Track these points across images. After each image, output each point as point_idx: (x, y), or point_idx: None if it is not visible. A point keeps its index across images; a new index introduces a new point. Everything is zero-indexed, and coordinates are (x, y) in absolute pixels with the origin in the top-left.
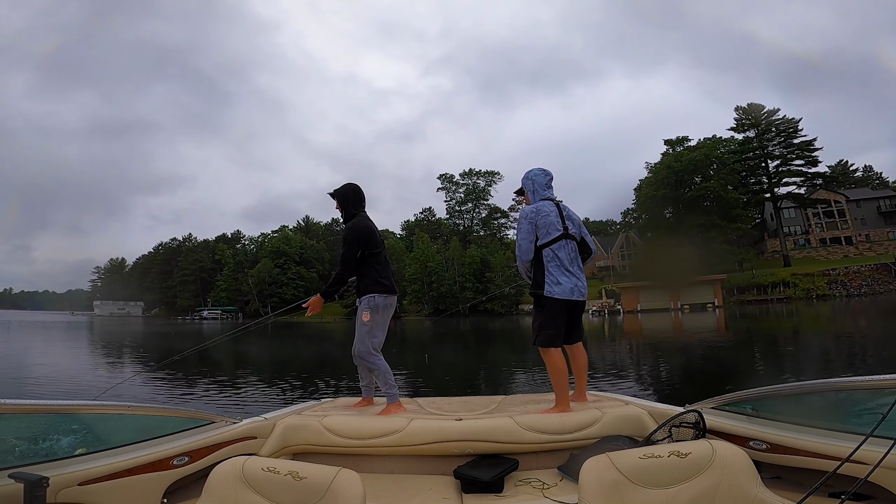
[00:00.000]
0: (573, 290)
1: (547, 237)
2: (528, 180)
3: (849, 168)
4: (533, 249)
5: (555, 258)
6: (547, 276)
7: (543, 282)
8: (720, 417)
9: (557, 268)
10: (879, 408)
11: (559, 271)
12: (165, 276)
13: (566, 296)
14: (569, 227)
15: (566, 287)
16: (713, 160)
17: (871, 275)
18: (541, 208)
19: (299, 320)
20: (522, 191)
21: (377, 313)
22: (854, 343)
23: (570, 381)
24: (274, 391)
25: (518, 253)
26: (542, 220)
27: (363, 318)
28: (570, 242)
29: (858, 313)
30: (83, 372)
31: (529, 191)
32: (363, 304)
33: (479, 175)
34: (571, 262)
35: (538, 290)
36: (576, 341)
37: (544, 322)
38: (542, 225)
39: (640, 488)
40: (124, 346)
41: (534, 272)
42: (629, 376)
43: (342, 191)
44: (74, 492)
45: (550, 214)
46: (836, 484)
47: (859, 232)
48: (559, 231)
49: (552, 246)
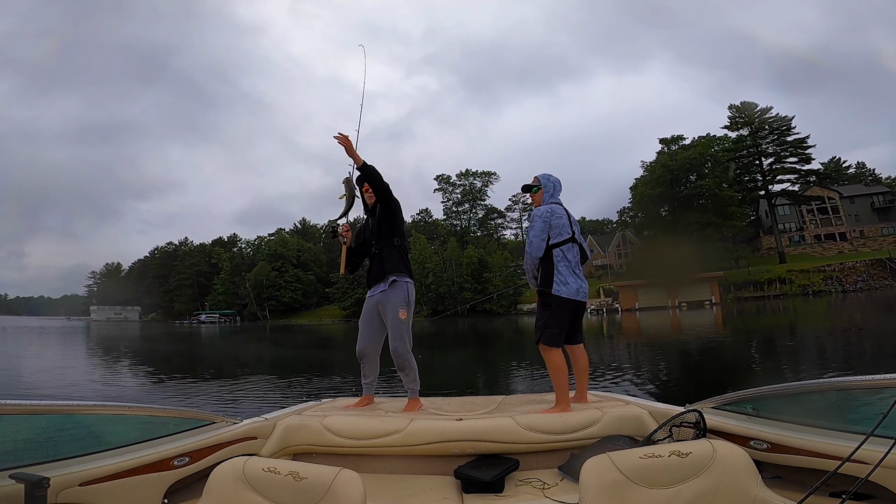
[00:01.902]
0: (578, 291)
1: (559, 237)
2: (548, 182)
3: (842, 165)
4: (544, 248)
5: (564, 258)
6: (556, 276)
7: (552, 280)
8: (721, 417)
9: (566, 268)
10: (880, 407)
11: (568, 271)
12: (162, 281)
13: (572, 296)
14: (575, 232)
15: (573, 287)
16: (708, 158)
17: (867, 270)
18: (555, 210)
19: (297, 322)
20: (530, 188)
21: (411, 309)
22: (851, 339)
23: (571, 382)
24: (274, 391)
25: (529, 249)
26: (556, 221)
27: (400, 316)
28: (576, 246)
29: (854, 309)
30: (86, 375)
31: (547, 192)
32: (398, 298)
33: (475, 175)
34: (577, 265)
35: (546, 289)
36: (577, 342)
37: (549, 320)
38: (556, 225)
39: (641, 488)
40: (134, 350)
41: (542, 271)
42: (628, 375)
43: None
44: (75, 492)
45: (563, 217)
46: (837, 483)
47: (853, 228)
48: (569, 234)
49: (562, 247)
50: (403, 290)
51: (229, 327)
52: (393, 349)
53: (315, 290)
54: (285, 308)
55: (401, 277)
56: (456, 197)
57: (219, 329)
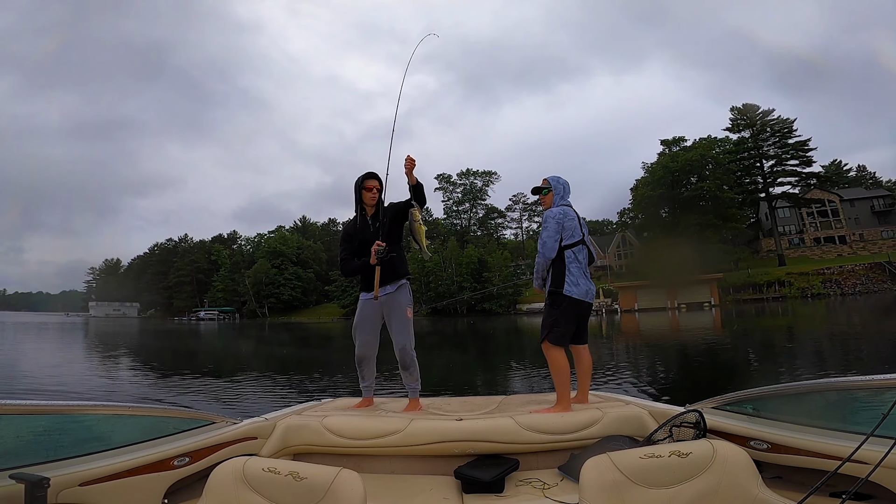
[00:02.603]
0: (587, 293)
1: (571, 239)
2: (558, 184)
3: (842, 168)
4: (557, 248)
5: (575, 260)
6: (567, 276)
7: (563, 281)
8: (721, 417)
9: (578, 269)
10: (880, 407)
11: (579, 273)
12: (161, 277)
13: (582, 297)
14: (585, 235)
15: (583, 289)
16: (709, 160)
17: (866, 274)
18: (567, 212)
19: (297, 320)
20: (540, 190)
21: (413, 308)
22: (850, 341)
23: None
24: (274, 391)
25: (542, 250)
26: (569, 223)
27: (407, 314)
28: (585, 248)
29: (853, 312)
30: (84, 373)
31: (558, 194)
32: (404, 297)
33: (476, 175)
34: (587, 267)
35: (557, 289)
36: (583, 343)
37: (558, 319)
38: (568, 227)
39: (641, 488)
40: (134, 348)
41: (552, 271)
42: (626, 374)
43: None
44: (75, 492)
45: (574, 219)
46: (838, 483)
47: (853, 231)
48: (580, 236)
49: (573, 248)
50: (408, 290)
51: (228, 324)
52: (401, 347)
53: (314, 287)
54: (285, 306)
55: (408, 279)
56: (457, 196)
57: (218, 326)
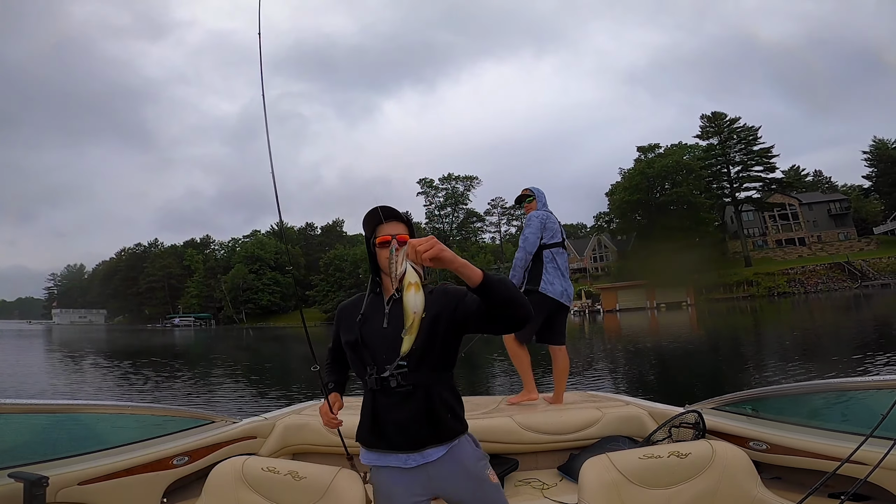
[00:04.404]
0: (563, 294)
1: (551, 240)
2: (540, 193)
3: (800, 172)
4: (538, 244)
5: (553, 261)
6: (544, 275)
7: (540, 279)
8: (720, 418)
9: (555, 270)
10: (879, 408)
11: (556, 273)
12: (130, 283)
13: (557, 296)
14: (564, 239)
15: (558, 289)
16: (682, 166)
17: (826, 273)
18: (549, 216)
19: (276, 325)
20: (525, 198)
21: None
22: (814, 337)
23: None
24: (274, 391)
25: (524, 245)
26: (551, 225)
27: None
28: (565, 252)
29: (818, 309)
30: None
31: (540, 201)
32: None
33: (458, 180)
34: (565, 270)
35: (533, 287)
36: (559, 344)
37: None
38: (550, 228)
39: (640, 488)
40: (116, 354)
41: (531, 270)
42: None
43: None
44: (74, 491)
45: (556, 223)
46: (836, 484)
47: (812, 233)
48: (560, 239)
49: (553, 249)
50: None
51: (204, 331)
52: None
53: (293, 292)
54: (263, 311)
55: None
56: (438, 201)
57: (194, 332)
